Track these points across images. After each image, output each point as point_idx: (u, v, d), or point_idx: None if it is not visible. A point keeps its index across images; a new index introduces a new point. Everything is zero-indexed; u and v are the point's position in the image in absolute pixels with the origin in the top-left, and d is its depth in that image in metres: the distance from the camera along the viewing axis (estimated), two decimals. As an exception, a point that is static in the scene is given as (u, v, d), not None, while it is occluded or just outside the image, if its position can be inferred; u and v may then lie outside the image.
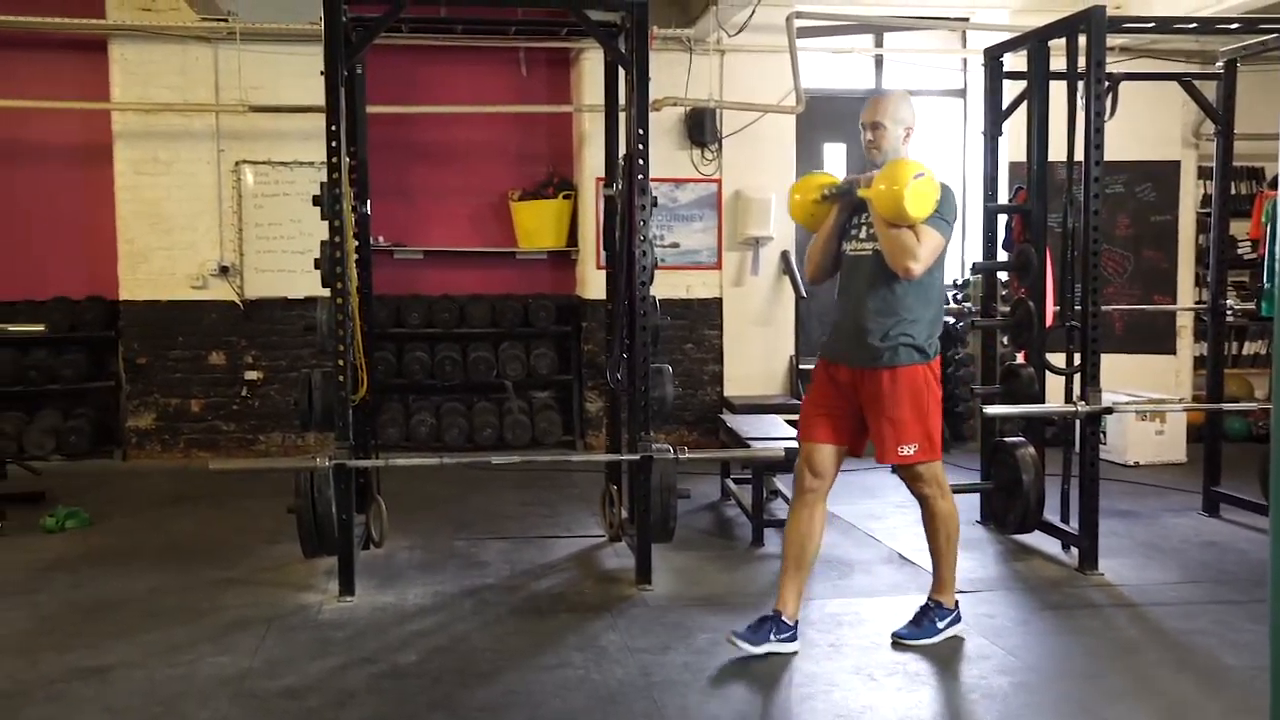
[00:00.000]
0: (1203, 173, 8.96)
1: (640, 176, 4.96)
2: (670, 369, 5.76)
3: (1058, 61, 5.77)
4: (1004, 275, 6.36)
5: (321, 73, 4.81)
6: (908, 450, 4.12)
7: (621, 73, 5.19)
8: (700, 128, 8.47)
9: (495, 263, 8.79)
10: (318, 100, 4.93)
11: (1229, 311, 6.52)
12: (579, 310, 8.70)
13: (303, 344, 8.18)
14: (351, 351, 4.85)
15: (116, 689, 3.86)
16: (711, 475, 7.05)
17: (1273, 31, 5.91)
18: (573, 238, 8.71)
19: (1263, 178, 9.16)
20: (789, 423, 6.33)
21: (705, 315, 8.75)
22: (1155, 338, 9.06)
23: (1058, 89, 5.73)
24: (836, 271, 4.33)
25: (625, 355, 5.21)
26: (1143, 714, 3.71)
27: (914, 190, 3.90)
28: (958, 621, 4.35)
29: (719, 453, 6.78)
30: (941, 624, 4.30)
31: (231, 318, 8.34)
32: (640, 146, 4.95)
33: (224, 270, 8.26)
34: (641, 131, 4.94)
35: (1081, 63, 5.29)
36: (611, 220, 5.35)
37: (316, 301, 5.26)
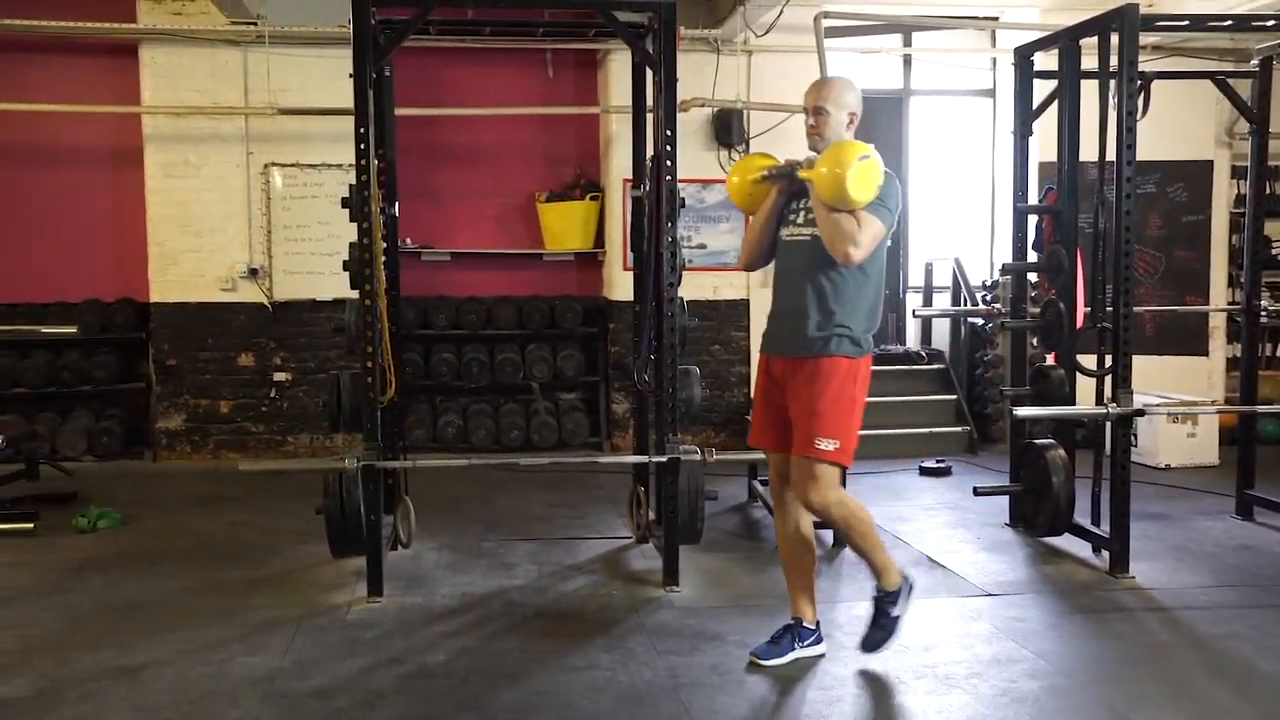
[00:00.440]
0: (1236, 172, 8.88)
1: (668, 178, 4.95)
2: (697, 370, 5.73)
3: (1088, 60, 5.72)
4: (1034, 276, 6.31)
5: (350, 75, 4.82)
6: (827, 445, 3.84)
7: (649, 74, 5.18)
8: (728, 129, 8.46)
9: (522, 264, 8.82)
10: (346, 103, 4.97)
11: (1263, 312, 6.44)
12: (606, 312, 8.71)
13: (331, 345, 8.23)
14: (380, 353, 4.86)
15: (147, 688, 3.88)
16: (739, 477, 7.04)
17: (1308, 28, 5.84)
18: (600, 239, 8.72)
19: (1297, 177, 9.06)
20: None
21: (732, 316, 8.74)
22: (1187, 339, 8.97)
23: (1088, 88, 5.67)
24: (773, 258, 4.17)
25: (652, 356, 5.20)
26: (1175, 719, 3.66)
27: (857, 172, 3.75)
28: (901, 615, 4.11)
29: (746, 454, 6.73)
30: (895, 609, 4.11)
31: (260, 319, 8.40)
32: (668, 148, 4.94)
33: (253, 272, 8.32)
34: (669, 132, 4.93)
35: (1114, 61, 5.23)
36: (639, 221, 5.34)
37: (345, 303, 5.28)
